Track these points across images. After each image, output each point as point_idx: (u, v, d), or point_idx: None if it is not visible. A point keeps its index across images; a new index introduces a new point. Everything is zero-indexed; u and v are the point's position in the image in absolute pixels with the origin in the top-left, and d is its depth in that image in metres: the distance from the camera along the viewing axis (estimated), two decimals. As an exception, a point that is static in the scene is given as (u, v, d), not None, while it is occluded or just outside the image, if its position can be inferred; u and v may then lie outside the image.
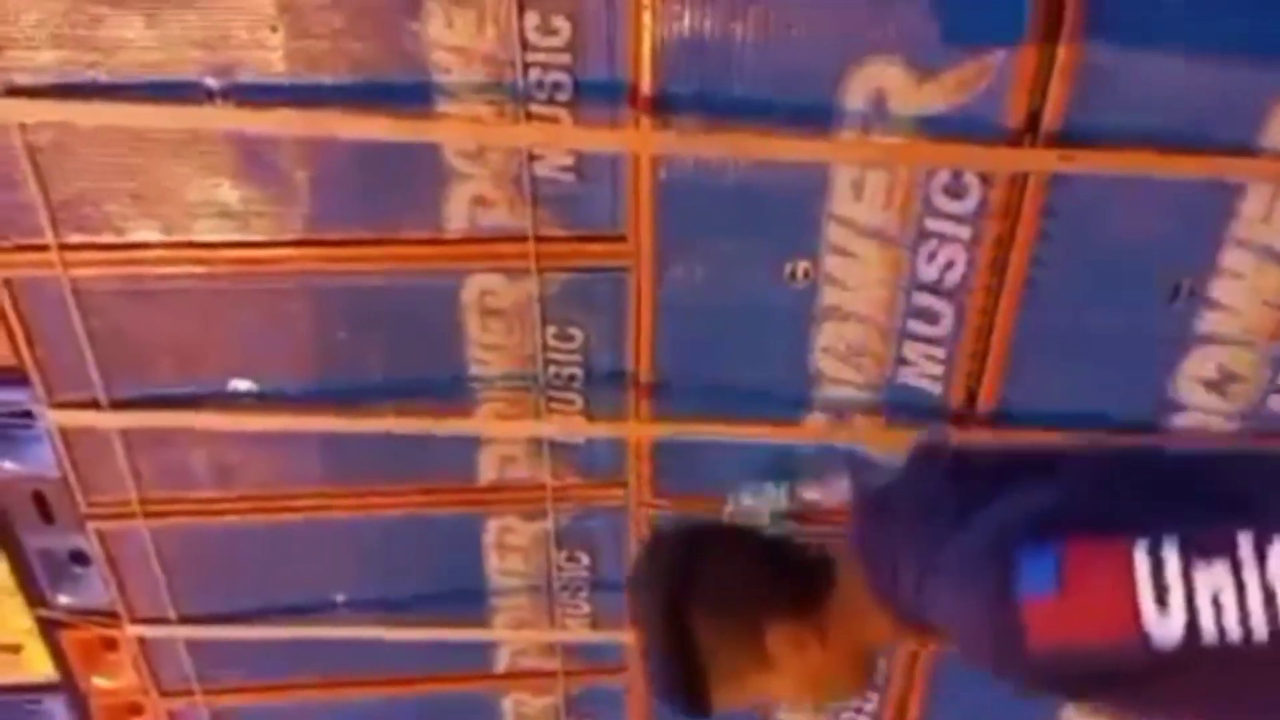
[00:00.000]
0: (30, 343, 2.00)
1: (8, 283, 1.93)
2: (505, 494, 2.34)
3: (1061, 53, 1.67)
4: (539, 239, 1.94)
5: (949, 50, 1.69)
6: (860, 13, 1.67)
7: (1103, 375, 2.02)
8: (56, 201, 1.85)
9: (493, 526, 2.40)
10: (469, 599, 2.49)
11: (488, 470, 2.30)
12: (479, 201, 1.91)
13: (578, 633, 2.58)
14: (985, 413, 2.09)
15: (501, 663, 2.66)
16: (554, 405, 2.18)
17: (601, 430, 2.23)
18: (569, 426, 2.22)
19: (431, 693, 2.67)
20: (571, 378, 2.15)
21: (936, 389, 2.07)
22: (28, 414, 2.12)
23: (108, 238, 1.90)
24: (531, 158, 1.85)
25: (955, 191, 1.83)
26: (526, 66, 1.74)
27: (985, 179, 1.80)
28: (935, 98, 1.72)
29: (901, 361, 2.04)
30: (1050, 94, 1.70)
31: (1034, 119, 1.73)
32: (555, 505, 2.34)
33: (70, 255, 1.89)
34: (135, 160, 1.82)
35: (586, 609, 2.55)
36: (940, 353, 2.02)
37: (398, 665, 2.58)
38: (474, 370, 2.13)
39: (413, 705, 2.69)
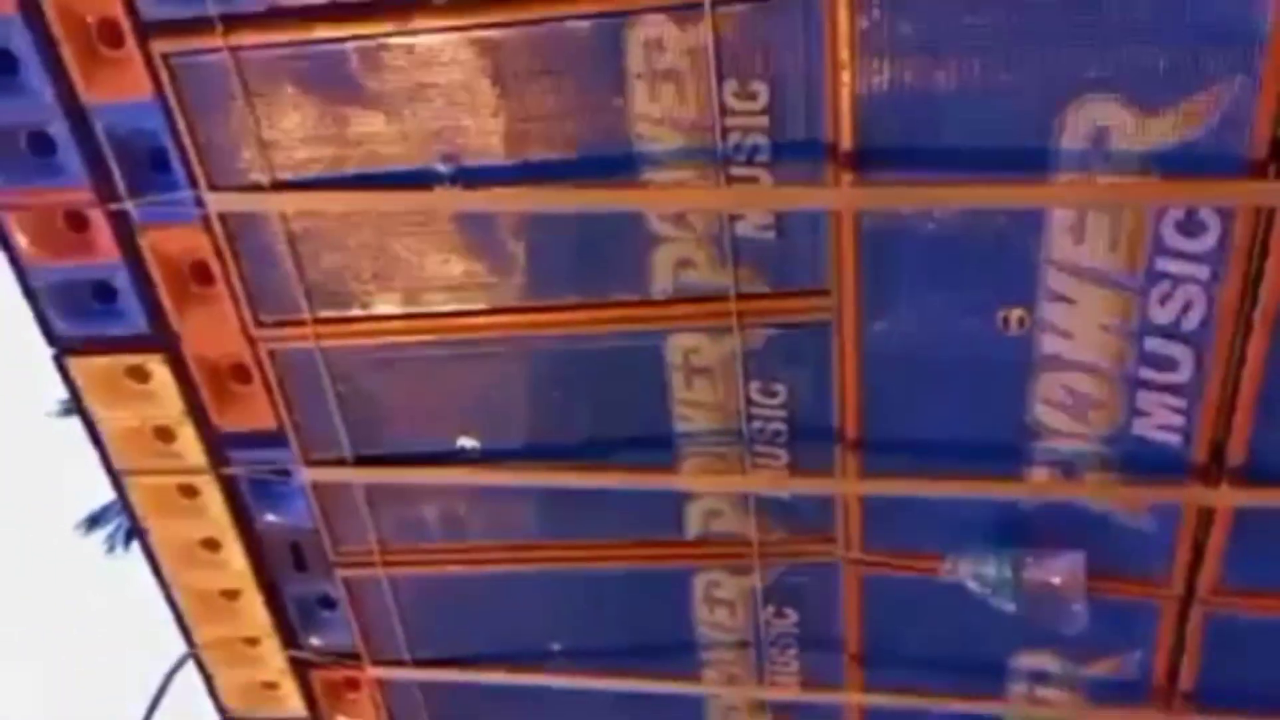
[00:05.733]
0: (289, 408, 2.23)
1: (272, 355, 2.17)
2: (711, 548, 2.35)
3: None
4: (741, 296, 1.97)
5: (1175, 82, 1.59)
6: (1072, 51, 1.61)
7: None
8: (310, 281, 2.07)
9: (700, 581, 2.42)
10: (679, 653, 2.51)
11: (694, 525, 2.33)
12: (683, 263, 1.96)
13: (787, 691, 2.54)
14: (1235, 467, 1.90)
15: (713, 718, 2.65)
16: (759, 460, 2.18)
17: (807, 485, 2.21)
18: (774, 481, 2.21)
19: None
20: (776, 433, 2.15)
21: (1176, 441, 1.91)
22: (285, 471, 2.36)
23: (354, 311, 2.10)
24: (733, 218, 1.90)
25: (1190, 229, 1.70)
26: (726, 131, 1.79)
27: (1224, 214, 1.67)
28: (1163, 132, 1.62)
29: (1135, 412, 1.90)
30: (1297, 120, 1.56)
31: (1278, 148, 1.59)
32: (762, 560, 2.33)
33: (322, 328, 2.11)
34: (377, 241, 2.01)
35: (795, 666, 2.50)
36: (1180, 402, 1.87)
37: (614, 715, 2.63)
38: (679, 427, 2.17)
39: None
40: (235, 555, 2.49)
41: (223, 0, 1.77)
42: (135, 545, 2.59)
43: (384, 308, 2.09)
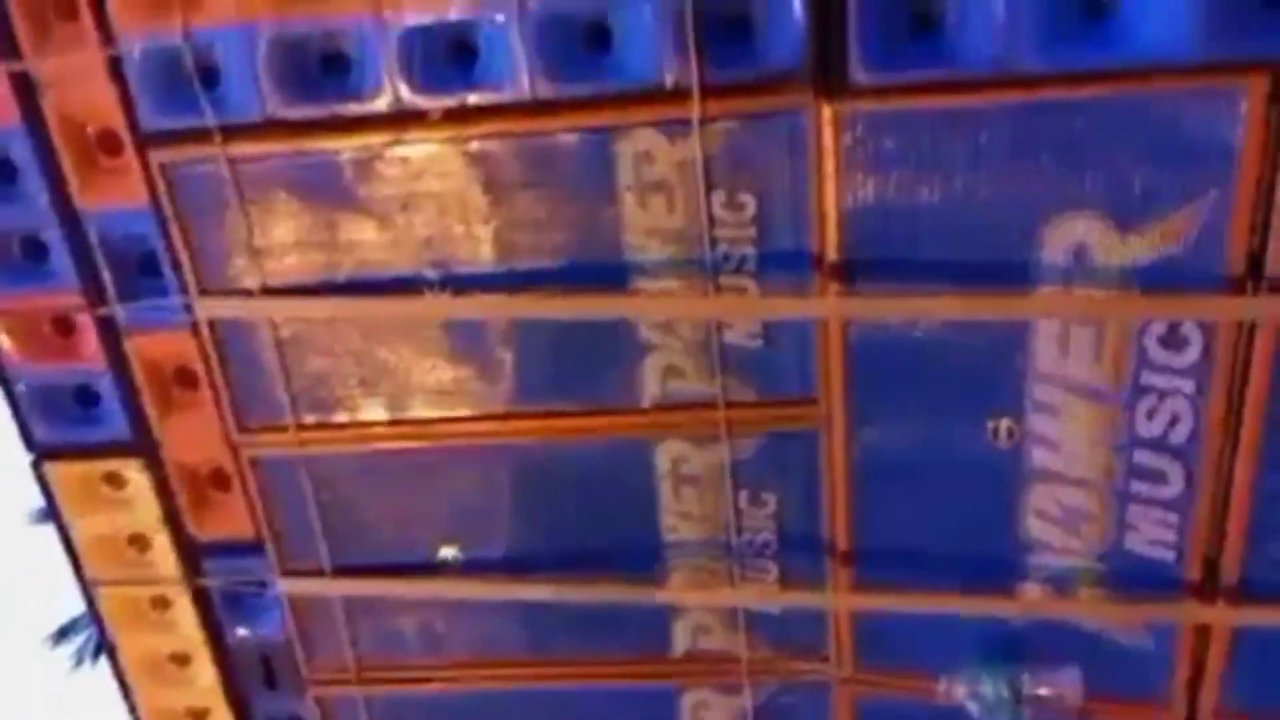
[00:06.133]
0: (268, 516, 2.18)
1: (253, 462, 2.13)
2: (699, 665, 2.27)
3: (1280, 193, 1.58)
4: (729, 405, 1.96)
5: (1151, 201, 1.63)
6: (1050, 170, 1.65)
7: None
8: (296, 386, 2.06)
9: (688, 702, 2.33)
10: (666, 779, 2.40)
11: (681, 641, 2.26)
12: (671, 371, 1.96)
13: (780, 822, 2.41)
14: (1229, 584, 1.87)
15: None
16: (748, 573, 2.14)
17: (797, 599, 2.16)
18: (764, 595, 2.16)
19: None
20: (765, 544, 2.11)
21: (1169, 556, 1.88)
22: (261, 582, 2.29)
23: (338, 417, 2.08)
24: (720, 326, 1.91)
25: (1173, 343, 1.72)
26: (714, 241, 1.82)
27: (1206, 329, 1.69)
28: (1142, 248, 1.66)
29: (1127, 527, 1.88)
30: (1272, 236, 1.60)
31: (1255, 264, 1.62)
32: (752, 679, 2.25)
33: (305, 434, 2.09)
34: (364, 347, 2.01)
35: (789, 796, 2.39)
36: (1171, 517, 1.84)
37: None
38: (667, 538, 2.14)
39: None
40: (205, 671, 2.39)
41: (221, 112, 1.81)
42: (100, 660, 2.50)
43: (369, 413, 2.07)
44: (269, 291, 1.96)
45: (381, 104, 1.78)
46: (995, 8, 1.56)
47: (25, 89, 1.86)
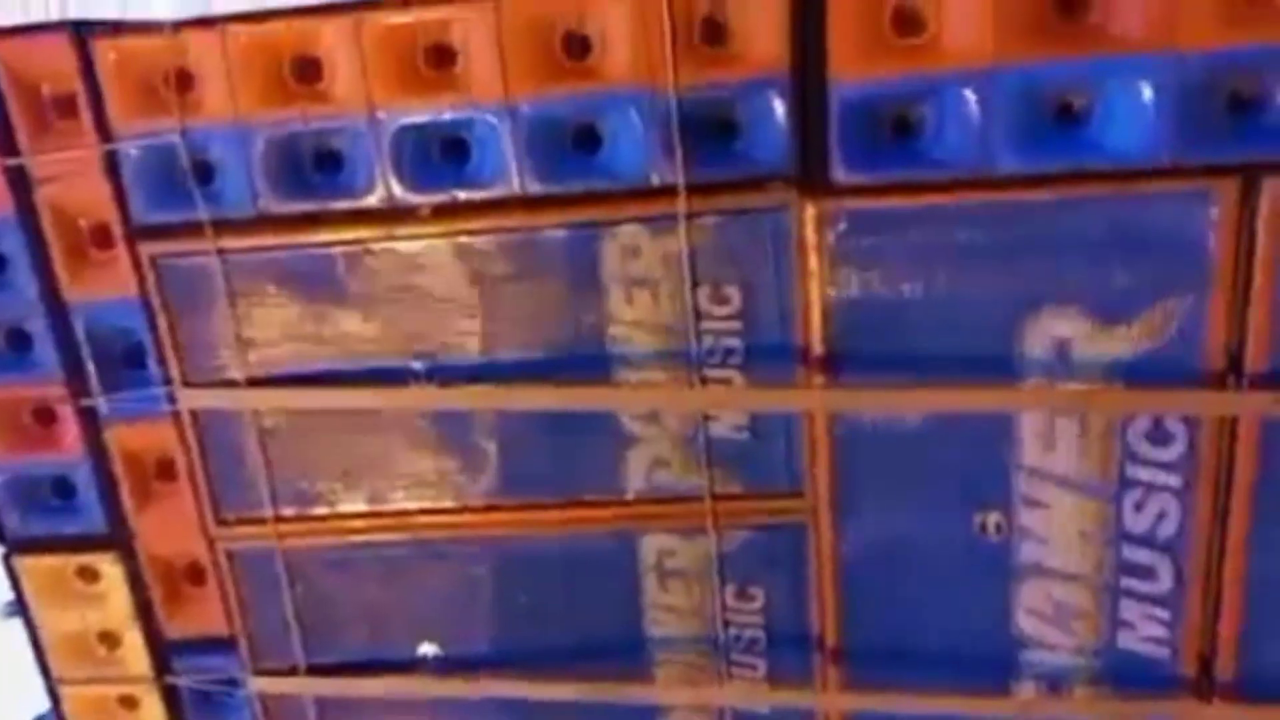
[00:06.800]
0: (243, 611, 2.13)
1: (230, 555, 2.09)
2: (686, 770, 2.20)
3: (1258, 284, 1.61)
4: (715, 497, 1.95)
5: (1129, 298, 1.66)
6: (1029, 267, 1.69)
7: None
8: (277, 478, 2.03)
9: (674, 807, 2.25)
10: None
11: (668, 744, 2.19)
12: (656, 463, 1.95)
13: None
14: (1225, 682, 1.84)
15: None
16: (736, 670, 2.09)
17: (786, 699, 2.10)
18: (752, 694, 2.11)
19: None
20: (753, 640, 2.07)
21: (1163, 654, 1.86)
22: (232, 681, 2.22)
23: (319, 509, 2.05)
24: (706, 419, 1.90)
25: (1157, 437, 1.73)
26: (700, 334, 1.83)
27: (1190, 424, 1.70)
28: (1122, 344, 1.68)
29: (1120, 623, 1.86)
30: (1250, 333, 1.62)
31: (1235, 360, 1.65)
32: (740, 784, 2.18)
33: (285, 527, 2.05)
34: (348, 437, 2.00)
35: None
36: (1163, 613, 1.83)
37: None
38: (652, 633, 2.09)
39: None
40: (170, 776, 2.30)
41: (214, 207, 1.84)
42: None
43: (349, 506, 2.05)
44: (254, 382, 1.96)
45: (373, 200, 1.81)
46: (970, 113, 1.62)
47: (19, 182, 1.88)
